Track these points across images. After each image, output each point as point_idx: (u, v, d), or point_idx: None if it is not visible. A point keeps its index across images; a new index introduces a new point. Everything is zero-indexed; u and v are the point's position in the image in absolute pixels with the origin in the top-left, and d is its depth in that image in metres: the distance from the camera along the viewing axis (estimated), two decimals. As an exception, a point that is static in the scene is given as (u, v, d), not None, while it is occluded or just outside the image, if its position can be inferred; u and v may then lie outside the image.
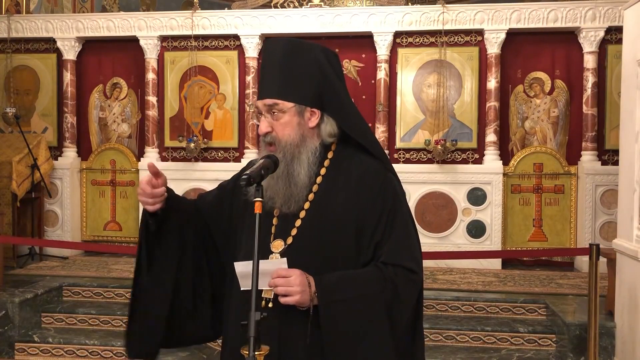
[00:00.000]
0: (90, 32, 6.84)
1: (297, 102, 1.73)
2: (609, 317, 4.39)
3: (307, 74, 1.75)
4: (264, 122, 1.75)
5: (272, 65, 1.76)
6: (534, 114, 6.44)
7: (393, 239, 1.70)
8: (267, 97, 1.74)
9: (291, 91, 1.73)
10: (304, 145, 1.73)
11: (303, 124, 1.74)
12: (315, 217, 1.72)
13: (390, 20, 6.43)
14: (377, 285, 1.64)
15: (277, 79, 1.74)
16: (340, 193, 1.73)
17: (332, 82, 1.78)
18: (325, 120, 1.77)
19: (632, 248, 3.93)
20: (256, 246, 1.51)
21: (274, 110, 1.73)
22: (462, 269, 6.09)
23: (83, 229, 7.05)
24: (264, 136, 1.76)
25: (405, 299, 1.68)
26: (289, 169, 1.71)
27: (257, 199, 1.54)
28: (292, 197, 1.71)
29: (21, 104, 7.01)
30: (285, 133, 1.72)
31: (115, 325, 5.02)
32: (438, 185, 6.37)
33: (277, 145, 1.73)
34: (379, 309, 1.63)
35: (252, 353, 1.42)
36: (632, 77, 4.05)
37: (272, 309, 1.66)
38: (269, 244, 1.72)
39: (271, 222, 1.75)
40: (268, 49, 1.81)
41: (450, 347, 4.67)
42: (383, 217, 1.71)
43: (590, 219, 6.15)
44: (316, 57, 1.77)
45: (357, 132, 1.79)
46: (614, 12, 6.06)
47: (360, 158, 1.78)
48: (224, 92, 6.78)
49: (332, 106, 1.77)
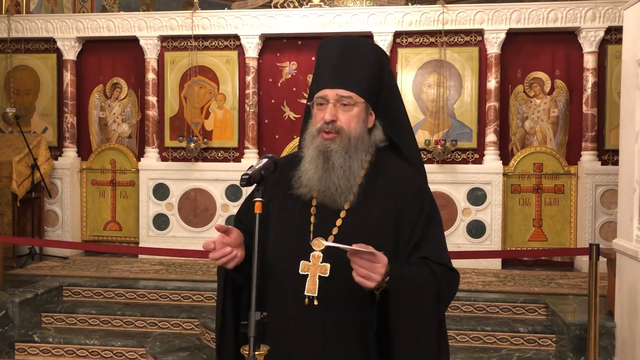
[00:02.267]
0: (90, 32, 6.84)
1: (366, 100, 1.75)
2: (609, 317, 4.40)
3: (374, 75, 1.78)
4: (331, 110, 1.72)
5: (341, 57, 1.76)
6: (534, 114, 6.44)
7: (434, 240, 1.75)
8: (342, 87, 1.73)
9: (364, 87, 1.75)
10: (362, 143, 1.75)
11: (365, 123, 1.77)
12: (356, 217, 1.72)
13: (390, 20, 6.43)
14: (432, 281, 1.68)
15: (347, 71, 1.75)
16: (379, 194, 1.75)
17: (392, 90, 1.84)
18: (377, 125, 1.80)
19: (632, 248, 3.93)
20: (256, 246, 1.51)
21: (345, 102, 1.72)
22: (462, 269, 6.08)
23: (83, 229, 7.06)
24: (328, 124, 1.71)
25: (448, 294, 1.75)
26: (350, 162, 1.71)
27: (257, 199, 1.54)
28: (346, 191, 1.71)
29: (21, 104, 7.01)
30: (352, 126, 1.72)
31: (115, 325, 5.02)
32: (438, 185, 6.37)
33: (341, 135, 1.71)
34: (430, 302, 1.68)
35: (252, 353, 1.42)
36: (632, 77, 4.05)
37: (318, 307, 1.67)
38: (309, 242, 1.71)
39: (309, 217, 1.74)
40: (331, 43, 1.82)
41: (451, 347, 4.64)
42: (421, 218, 1.74)
43: (590, 219, 6.15)
44: (381, 60, 1.82)
45: (406, 144, 1.85)
46: (614, 12, 6.06)
47: (399, 163, 1.82)
48: (224, 92, 6.78)
49: (387, 115, 1.81)
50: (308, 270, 1.68)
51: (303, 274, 1.68)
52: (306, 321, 1.54)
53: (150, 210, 6.77)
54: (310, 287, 1.67)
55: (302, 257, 1.69)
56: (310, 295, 1.67)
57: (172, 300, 5.30)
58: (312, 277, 1.67)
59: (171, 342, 4.72)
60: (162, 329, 4.98)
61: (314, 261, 1.69)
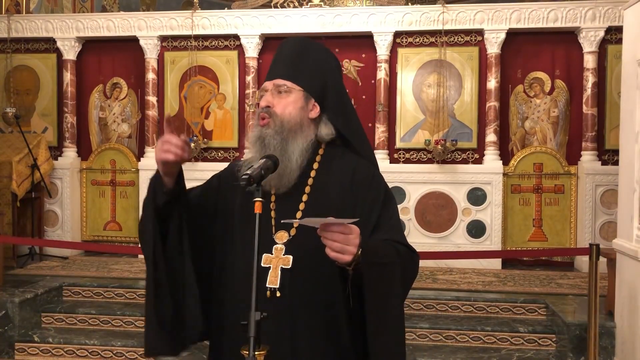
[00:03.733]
0: (90, 32, 6.84)
1: (305, 89, 1.80)
2: (609, 317, 4.39)
3: (318, 69, 1.84)
4: (267, 97, 1.80)
5: (287, 53, 1.85)
6: (534, 114, 6.44)
7: (392, 222, 1.79)
8: (277, 77, 1.80)
9: (302, 78, 1.81)
10: (301, 130, 1.79)
11: (305, 111, 1.81)
12: (314, 209, 1.75)
13: (390, 20, 6.43)
14: (397, 257, 1.70)
15: (290, 64, 1.82)
16: (335, 185, 1.79)
17: (339, 88, 1.89)
18: (324, 120, 1.84)
19: (632, 248, 3.93)
20: (256, 246, 1.51)
21: (281, 89, 1.79)
22: (462, 269, 6.09)
23: (83, 229, 7.05)
24: (262, 109, 1.79)
25: (412, 273, 1.78)
26: (282, 145, 1.74)
27: (257, 199, 1.54)
28: (285, 175, 1.74)
29: (21, 104, 7.00)
30: (286, 111, 1.78)
31: (115, 325, 5.02)
32: (438, 185, 6.37)
33: (274, 119, 1.76)
34: (398, 277, 1.69)
35: (252, 353, 1.42)
36: (632, 77, 4.05)
37: (280, 298, 1.68)
38: (272, 235, 1.74)
39: (269, 212, 1.76)
40: (285, 41, 1.90)
41: (450, 347, 4.67)
42: (377, 203, 1.78)
43: (590, 219, 6.15)
44: (329, 60, 1.89)
45: (357, 140, 1.88)
46: (614, 12, 6.06)
47: (351, 156, 1.86)
48: (224, 92, 6.78)
49: (335, 110, 1.85)
50: (270, 262, 1.71)
51: (265, 267, 1.70)
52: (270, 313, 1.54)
53: (150, 210, 6.76)
54: (272, 279, 1.69)
55: (264, 251, 1.71)
56: (272, 287, 1.68)
57: (172, 300, 5.30)
58: (274, 269, 1.69)
59: (171, 342, 4.71)
60: (162, 329, 4.98)
61: (277, 253, 1.72)
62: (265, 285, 1.69)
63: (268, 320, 1.47)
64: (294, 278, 1.70)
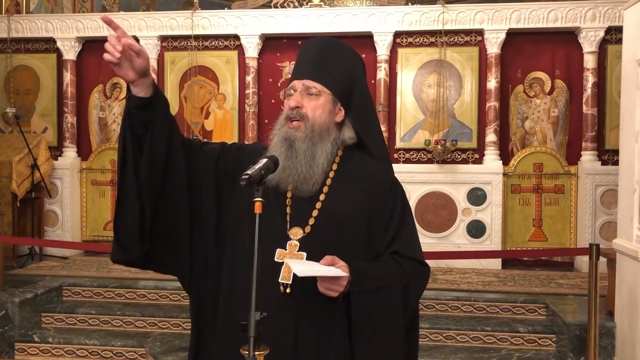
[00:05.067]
0: (90, 32, 6.85)
1: (333, 92, 1.80)
2: (609, 317, 4.39)
3: (346, 73, 1.84)
4: (296, 97, 1.77)
5: (314, 53, 1.83)
6: (534, 114, 6.44)
7: (406, 234, 1.80)
8: (308, 78, 1.79)
9: (331, 80, 1.80)
10: (329, 133, 1.79)
11: (332, 115, 1.80)
12: (332, 207, 1.75)
13: (390, 20, 6.43)
14: (399, 278, 1.72)
15: (319, 65, 1.80)
16: (352, 188, 1.79)
17: (364, 91, 1.88)
18: (347, 123, 1.84)
19: (632, 248, 3.93)
20: (256, 246, 1.50)
21: (312, 92, 1.77)
22: (462, 269, 6.09)
23: (83, 229, 7.05)
24: (292, 110, 1.76)
25: (418, 290, 1.80)
26: (313, 150, 1.74)
27: (257, 199, 1.54)
28: (311, 178, 1.74)
29: (21, 104, 7.01)
30: (317, 114, 1.77)
31: (115, 325, 5.02)
32: (438, 185, 6.37)
33: (305, 122, 1.75)
34: (398, 298, 1.72)
35: (252, 353, 1.42)
36: (632, 77, 4.05)
37: (291, 294, 1.68)
38: (287, 231, 1.74)
39: (285, 208, 1.76)
40: (311, 40, 1.89)
41: (450, 347, 4.67)
42: (396, 213, 1.79)
43: (590, 219, 6.15)
44: (355, 61, 1.89)
45: (376, 145, 1.88)
46: (614, 12, 6.06)
47: (370, 161, 1.85)
48: (224, 92, 6.78)
49: (357, 113, 1.84)
50: (284, 257, 1.71)
51: (279, 262, 1.71)
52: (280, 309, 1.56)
53: (150, 210, 6.76)
54: (284, 275, 1.69)
55: (279, 246, 1.72)
56: (285, 283, 1.69)
57: (172, 300, 5.30)
58: (287, 264, 1.69)
59: (171, 342, 4.72)
60: (162, 329, 4.98)
61: (290, 249, 1.72)
62: (277, 280, 1.69)
63: (276, 314, 1.47)
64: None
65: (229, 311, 1.76)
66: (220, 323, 1.79)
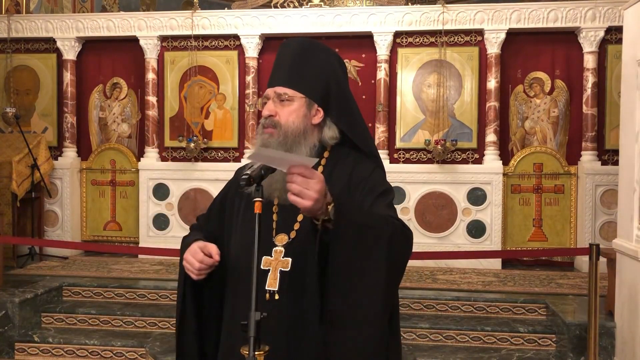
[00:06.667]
0: (90, 32, 6.84)
1: (307, 96, 1.78)
2: (609, 317, 4.39)
3: (321, 73, 1.82)
4: (269, 106, 1.78)
5: (288, 57, 1.82)
6: (534, 114, 6.44)
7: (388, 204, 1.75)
8: (279, 85, 1.78)
9: (304, 84, 1.78)
10: (305, 138, 1.77)
11: (308, 118, 1.79)
12: None
13: (390, 20, 6.43)
14: (384, 221, 1.63)
15: (291, 70, 1.79)
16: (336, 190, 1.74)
17: (343, 88, 1.86)
18: (328, 123, 1.82)
19: (632, 248, 3.93)
20: (256, 246, 1.51)
21: (283, 98, 1.77)
22: (462, 269, 6.09)
23: (83, 229, 7.06)
24: (266, 119, 1.78)
25: (402, 247, 1.66)
26: None
27: (257, 199, 1.54)
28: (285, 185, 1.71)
29: (21, 104, 7.01)
30: (290, 120, 1.76)
31: (115, 325, 5.02)
32: (438, 185, 6.37)
33: (279, 129, 1.75)
34: (384, 247, 1.59)
35: (252, 353, 1.42)
36: (632, 77, 4.05)
37: (279, 300, 1.68)
38: (272, 238, 1.74)
39: (271, 216, 1.76)
40: (285, 44, 1.87)
41: (450, 347, 4.67)
42: (376, 189, 1.75)
43: (590, 219, 6.15)
44: (330, 60, 1.85)
45: (362, 141, 1.86)
46: (614, 12, 6.06)
47: (354, 157, 1.84)
48: (224, 92, 6.78)
49: (339, 112, 1.82)
50: (270, 265, 1.71)
51: (265, 269, 1.70)
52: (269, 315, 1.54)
53: (150, 210, 6.78)
54: (271, 282, 1.69)
55: (264, 253, 1.72)
56: (271, 290, 1.69)
57: (172, 300, 5.29)
58: (274, 271, 1.69)
59: (171, 342, 4.71)
60: (162, 329, 4.98)
61: (276, 256, 1.72)
62: (264, 287, 1.69)
63: (266, 321, 1.47)
64: (293, 280, 1.69)
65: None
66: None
